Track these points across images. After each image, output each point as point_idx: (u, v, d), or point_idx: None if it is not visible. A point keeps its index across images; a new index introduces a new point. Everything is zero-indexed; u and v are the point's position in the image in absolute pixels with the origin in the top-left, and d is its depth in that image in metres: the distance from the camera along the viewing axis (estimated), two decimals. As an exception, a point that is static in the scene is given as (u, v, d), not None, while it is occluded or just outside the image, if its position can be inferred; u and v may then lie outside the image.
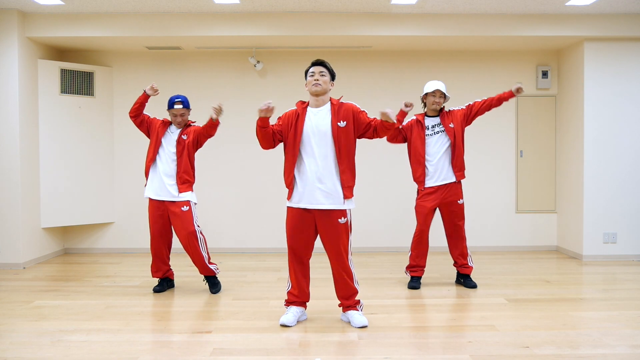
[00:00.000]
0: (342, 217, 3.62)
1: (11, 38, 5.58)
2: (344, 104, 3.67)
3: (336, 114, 3.61)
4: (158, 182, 4.53)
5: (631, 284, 4.96)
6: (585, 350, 3.26)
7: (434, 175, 4.65)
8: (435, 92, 4.66)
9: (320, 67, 3.64)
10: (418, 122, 4.71)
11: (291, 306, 3.79)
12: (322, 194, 3.57)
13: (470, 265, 4.83)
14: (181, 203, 4.52)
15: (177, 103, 4.53)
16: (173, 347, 3.35)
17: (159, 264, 4.67)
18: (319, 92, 3.62)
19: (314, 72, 3.63)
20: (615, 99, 6.00)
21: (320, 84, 3.60)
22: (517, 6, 5.54)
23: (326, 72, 3.65)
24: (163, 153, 4.54)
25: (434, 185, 4.67)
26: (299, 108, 3.71)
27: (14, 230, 5.66)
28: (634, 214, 6.05)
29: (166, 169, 4.52)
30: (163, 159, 4.54)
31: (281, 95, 6.51)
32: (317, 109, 3.66)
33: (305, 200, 3.59)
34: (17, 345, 3.38)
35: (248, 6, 5.52)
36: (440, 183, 4.66)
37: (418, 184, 4.74)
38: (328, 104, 3.68)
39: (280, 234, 6.47)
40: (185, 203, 4.53)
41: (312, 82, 3.62)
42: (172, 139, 4.56)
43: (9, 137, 5.61)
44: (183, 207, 4.51)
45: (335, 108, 3.64)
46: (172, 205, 4.52)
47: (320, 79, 3.61)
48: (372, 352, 3.23)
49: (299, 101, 3.77)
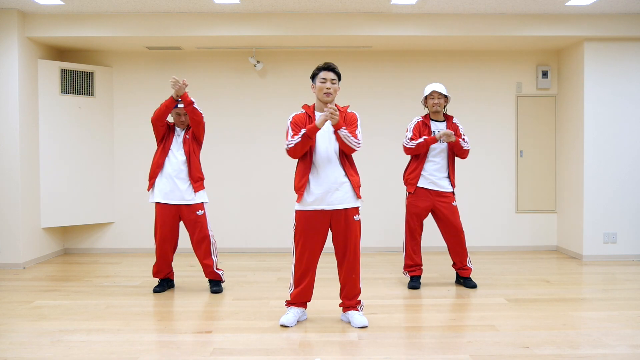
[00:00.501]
0: (356, 214, 3.67)
1: (11, 38, 5.58)
2: (348, 113, 3.70)
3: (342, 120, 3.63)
4: (169, 186, 4.50)
5: (631, 284, 4.96)
6: (585, 350, 3.26)
7: (433, 180, 4.66)
8: (433, 93, 4.65)
9: (331, 74, 3.61)
10: (425, 124, 4.69)
11: (291, 306, 3.79)
12: (340, 195, 3.60)
13: (469, 267, 4.83)
14: (196, 207, 4.53)
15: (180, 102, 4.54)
16: (173, 347, 3.36)
17: (162, 266, 4.66)
18: (329, 101, 3.62)
19: (326, 79, 3.60)
20: (615, 99, 6.00)
21: (331, 93, 3.60)
22: (517, 6, 5.54)
23: (337, 79, 3.64)
24: (173, 157, 4.52)
25: (426, 187, 4.67)
26: (308, 111, 3.69)
27: (14, 230, 5.66)
28: (634, 214, 6.05)
29: (177, 172, 4.49)
30: (173, 163, 4.51)
31: (281, 95, 6.52)
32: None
33: (324, 203, 3.59)
34: (17, 345, 3.38)
35: (248, 6, 5.53)
36: (433, 188, 4.66)
37: (408, 186, 4.73)
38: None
39: (281, 234, 6.52)
40: (199, 207, 4.55)
41: (323, 91, 3.60)
42: (179, 141, 4.55)
43: (9, 137, 5.62)
44: (198, 211, 4.53)
45: (342, 115, 3.65)
46: (187, 209, 4.52)
47: (332, 87, 3.60)
48: (372, 352, 3.23)
49: (304, 104, 3.76)
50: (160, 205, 4.54)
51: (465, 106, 6.44)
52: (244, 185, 6.54)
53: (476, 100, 6.56)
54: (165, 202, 4.51)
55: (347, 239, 3.65)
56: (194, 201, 4.54)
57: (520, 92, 6.60)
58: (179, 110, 4.54)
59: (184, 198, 4.51)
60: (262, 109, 6.55)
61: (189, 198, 4.52)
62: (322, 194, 3.59)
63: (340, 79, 3.68)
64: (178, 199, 4.51)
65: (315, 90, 3.66)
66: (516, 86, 6.59)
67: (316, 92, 3.65)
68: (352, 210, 3.66)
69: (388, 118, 6.52)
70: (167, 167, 4.51)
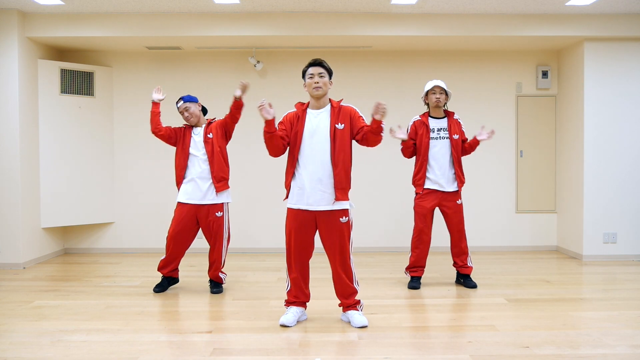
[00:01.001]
0: (343, 216, 3.64)
1: (11, 38, 5.58)
2: (343, 107, 3.68)
3: (335, 116, 3.63)
4: (192, 187, 4.49)
5: (631, 284, 4.96)
6: (585, 350, 3.26)
7: (436, 180, 4.66)
8: (435, 88, 4.65)
9: (319, 68, 3.62)
10: (422, 123, 4.70)
11: (291, 306, 3.79)
12: (322, 195, 3.57)
13: (470, 266, 4.83)
14: (216, 208, 4.50)
15: (178, 102, 4.57)
16: (173, 347, 3.36)
17: (169, 262, 4.63)
18: (320, 95, 3.62)
19: (313, 74, 3.61)
20: (615, 99, 6.00)
21: (320, 86, 3.60)
22: (517, 6, 5.54)
23: (325, 72, 3.63)
24: (194, 158, 4.50)
25: (432, 188, 4.67)
26: (299, 110, 3.70)
27: (14, 230, 5.66)
28: (634, 214, 6.05)
29: (200, 172, 4.48)
30: (195, 164, 4.49)
31: (281, 95, 6.51)
32: (317, 111, 3.66)
33: (305, 202, 3.60)
34: (17, 345, 3.38)
35: (248, 6, 5.53)
36: (440, 189, 4.66)
37: (416, 187, 4.74)
38: (328, 105, 3.68)
39: (281, 234, 6.48)
40: (219, 208, 4.52)
41: (312, 85, 3.60)
42: (199, 141, 4.53)
43: (9, 137, 5.62)
44: (217, 213, 4.51)
45: (335, 110, 3.65)
46: (205, 209, 4.49)
47: (320, 81, 3.60)
48: (372, 352, 3.23)
49: (298, 102, 3.77)
50: (180, 204, 4.53)
51: (465, 106, 6.43)
52: (244, 185, 6.54)
53: (476, 100, 6.56)
54: (186, 202, 4.50)
55: (332, 241, 3.64)
56: (214, 201, 4.51)
57: (520, 92, 6.60)
58: (180, 109, 4.54)
59: (205, 198, 4.49)
60: (262, 109, 6.54)
61: (210, 198, 4.49)
62: (305, 193, 3.58)
63: (330, 73, 3.66)
64: (198, 199, 4.48)
65: (307, 87, 3.66)
66: (516, 86, 6.59)
67: (307, 88, 3.66)
68: (338, 212, 3.62)
69: (388, 118, 6.46)
70: (190, 169, 4.49)
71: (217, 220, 4.51)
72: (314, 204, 3.59)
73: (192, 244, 4.72)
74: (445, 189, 4.67)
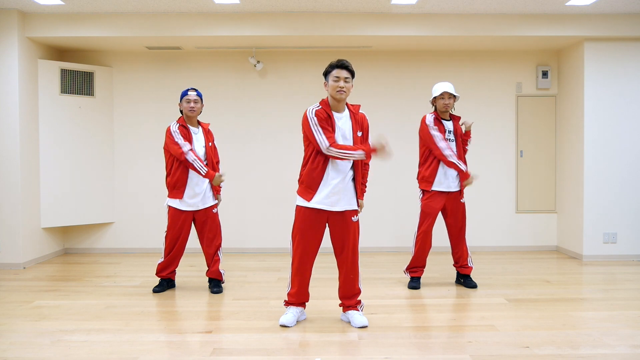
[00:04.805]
0: (354, 215, 3.67)
1: (11, 38, 5.58)
2: (359, 114, 3.70)
3: (355, 122, 3.64)
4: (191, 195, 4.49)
5: (631, 284, 4.96)
6: (585, 350, 3.26)
7: (446, 181, 4.66)
8: (444, 94, 4.63)
9: (345, 72, 3.55)
10: (437, 120, 4.68)
11: (291, 306, 3.79)
12: (346, 197, 3.61)
13: (470, 266, 4.83)
14: (212, 206, 4.61)
15: (191, 90, 4.52)
16: (173, 347, 3.36)
17: (167, 266, 4.64)
18: (343, 99, 3.59)
19: (339, 78, 3.54)
20: (615, 99, 6.00)
21: (344, 91, 3.55)
22: (517, 6, 5.54)
23: (350, 77, 3.58)
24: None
25: (441, 190, 4.67)
26: (327, 110, 3.59)
27: (14, 230, 5.66)
28: (634, 214, 6.05)
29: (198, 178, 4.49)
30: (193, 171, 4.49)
31: (281, 95, 6.52)
32: (340, 115, 3.63)
33: (329, 202, 3.57)
34: (17, 345, 3.38)
35: (248, 6, 5.53)
36: (447, 190, 4.67)
37: (425, 185, 4.69)
38: (347, 109, 3.68)
39: (281, 234, 6.51)
40: (214, 205, 4.63)
41: (336, 89, 3.53)
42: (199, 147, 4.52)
43: (9, 137, 5.61)
44: (213, 210, 4.61)
45: (354, 116, 3.65)
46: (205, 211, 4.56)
47: (345, 85, 3.55)
48: (372, 352, 3.23)
49: (323, 100, 3.66)
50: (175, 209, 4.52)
51: (466, 106, 6.42)
52: (244, 185, 6.54)
53: (476, 100, 6.56)
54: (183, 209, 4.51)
55: (344, 240, 3.66)
56: (212, 202, 4.62)
57: (520, 92, 6.60)
58: (189, 97, 4.49)
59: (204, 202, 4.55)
60: (262, 109, 6.55)
61: (209, 202, 4.58)
62: (330, 194, 3.57)
63: (353, 76, 3.61)
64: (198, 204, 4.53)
65: (328, 88, 3.59)
66: (516, 86, 6.59)
67: (329, 90, 3.58)
68: (350, 211, 3.65)
69: (388, 118, 6.52)
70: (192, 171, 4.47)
71: (213, 216, 4.61)
72: (335, 204, 3.59)
73: (192, 244, 4.72)
74: (451, 189, 4.68)
